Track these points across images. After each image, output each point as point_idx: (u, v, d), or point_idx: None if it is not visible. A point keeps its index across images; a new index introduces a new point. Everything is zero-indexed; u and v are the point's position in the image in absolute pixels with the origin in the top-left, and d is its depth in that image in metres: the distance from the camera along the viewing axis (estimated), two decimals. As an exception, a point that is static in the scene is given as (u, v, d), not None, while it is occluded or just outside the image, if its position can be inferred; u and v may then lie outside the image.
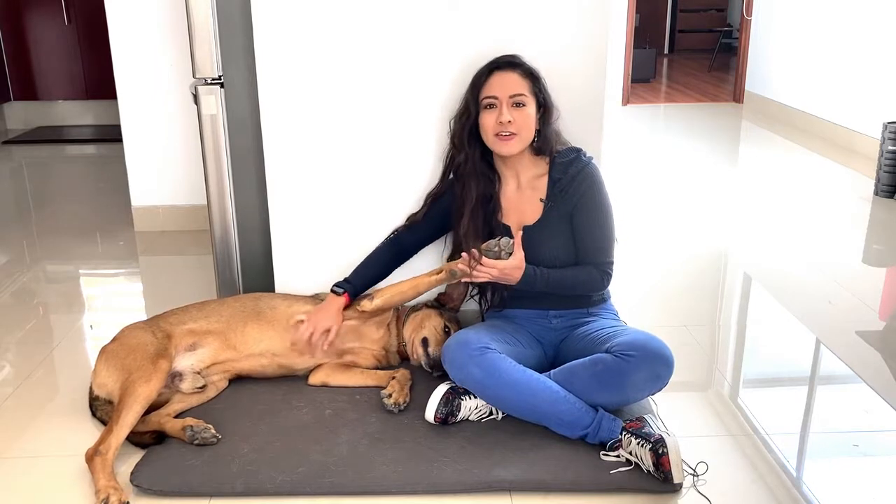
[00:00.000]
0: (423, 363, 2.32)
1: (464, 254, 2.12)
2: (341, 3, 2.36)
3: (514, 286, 2.15)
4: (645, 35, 9.81)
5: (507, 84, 2.17)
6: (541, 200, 2.23)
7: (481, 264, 2.08)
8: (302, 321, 2.28)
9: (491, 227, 2.26)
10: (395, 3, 2.35)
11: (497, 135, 2.17)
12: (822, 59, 5.85)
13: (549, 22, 2.38)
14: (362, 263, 2.40)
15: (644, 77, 8.46)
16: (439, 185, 2.39)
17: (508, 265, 2.09)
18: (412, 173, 2.47)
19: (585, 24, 2.38)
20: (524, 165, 2.26)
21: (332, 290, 2.34)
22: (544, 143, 2.23)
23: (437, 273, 2.25)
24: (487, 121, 2.18)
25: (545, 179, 2.24)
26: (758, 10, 7.00)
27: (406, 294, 2.32)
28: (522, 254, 2.11)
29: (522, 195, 2.26)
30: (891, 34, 4.97)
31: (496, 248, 2.11)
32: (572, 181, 2.20)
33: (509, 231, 2.24)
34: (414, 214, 2.42)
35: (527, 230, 2.22)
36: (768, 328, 2.88)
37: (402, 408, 2.16)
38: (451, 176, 2.34)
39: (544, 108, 2.22)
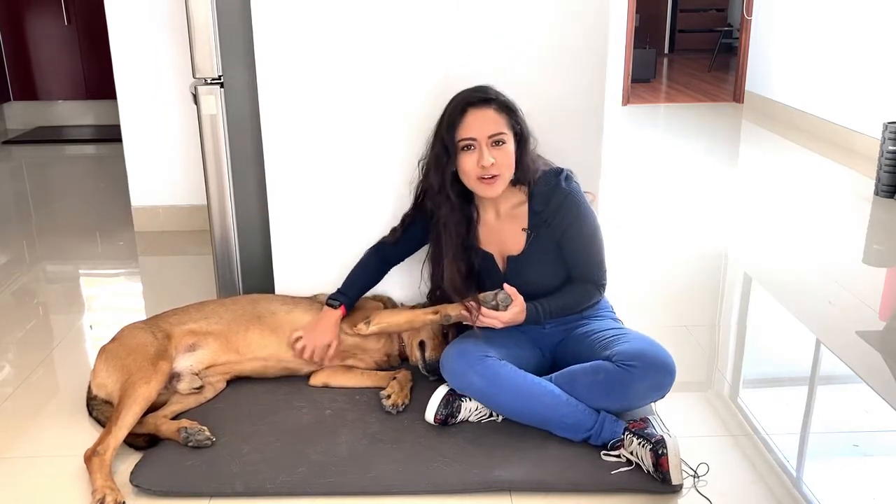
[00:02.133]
0: (419, 367, 2.32)
1: (464, 303, 2.13)
2: (341, 3, 2.36)
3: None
4: (645, 35, 9.80)
5: (484, 123, 2.05)
6: (523, 230, 2.18)
7: (482, 315, 2.09)
8: (300, 338, 2.28)
9: (471, 260, 2.21)
10: (396, 3, 2.35)
11: (479, 178, 2.08)
12: (822, 59, 5.85)
13: (549, 22, 2.38)
14: (352, 274, 2.37)
15: (644, 77, 8.46)
16: (412, 210, 2.31)
17: (510, 316, 2.10)
18: (413, 173, 2.46)
19: (585, 24, 2.38)
20: (503, 196, 2.17)
21: (328, 304, 2.32)
22: (522, 173, 2.13)
23: (434, 313, 2.23)
24: (467, 164, 2.07)
25: (525, 208, 2.17)
26: (758, 10, 7.00)
27: (401, 326, 2.32)
28: (521, 297, 2.10)
29: (503, 224, 2.21)
30: (891, 34, 4.97)
31: (493, 303, 2.11)
32: (555, 214, 2.13)
33: (492, 260, 2.22)
34: (394, 230, 2.37)
35: (512, 260, 2.20)
36: (768, 328, 2.88)
37: (400, 409, 2.16)
38: (428, 208, 2.23)
39: (521, 137, 2.12)
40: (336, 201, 2.51)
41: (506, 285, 2.11)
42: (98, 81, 6.08)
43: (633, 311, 2.63)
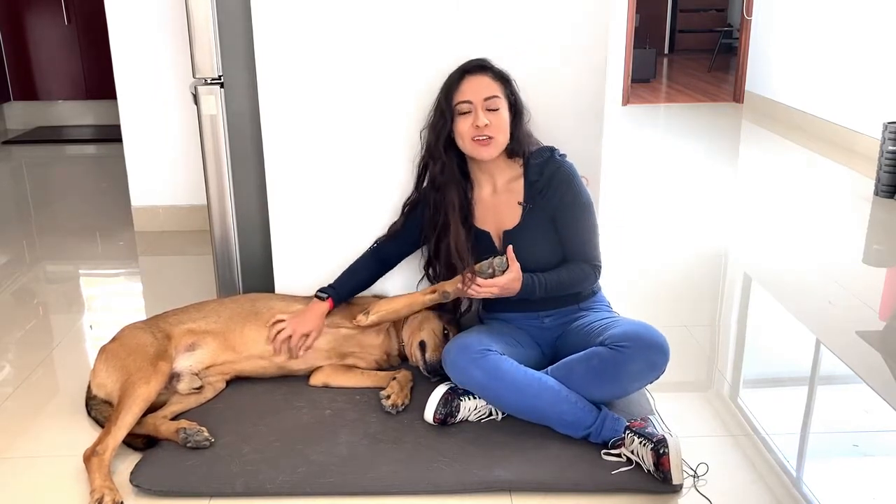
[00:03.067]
0: (420, 367, 2.32)
1: (460, 276, 2.13)
2: (342, 4, 2.36)
3: (513, 297, 2.15)
4: (645, 35, 9.81)
5: (480, 87, 2.16)
6: (519, 203, 2.21)
7: (478, 285, 2.09)
8: (281, 320, 2.28)
9: (470, 230, 2.24)
10: (396, 2, 2.35)
11: (474, 139, 2.15)
12: (822, 59, 5.85)
13: (549, 22, 2.38)
14: (347, 272, 2.39)
15: (644, 77, 8.46)
16: (414, 193, 2.37)
17: (506, 280, 2.10)
18: (412, 173, 2.47)
19: (585, 24, 2.38)
20: (499, 169, 2.24)
21: (317, 296, 2.33)
22: (517, 145, 2.21)
23: (431, 293, 2.25)
24: (463, 126, 2.16)
25: (521, 182, 2.23)
26: (758, 10, 7.00)
27: (400, 312, 2.32)
28: (517, 265, 2.10)
29: (499, 199, 2.25)
30: (891, 34, 4.97)
31: (490, 270, 2.11)
32: (549, 183, 2.18)
33: (489, 237, 2.24)
34: (394, 224, 2.41)
35: (507, 234, 2.22)
36: (768, 328, 2.88)
37: (400, 409, 2.16)
38: (426, 185, 2.32)
39: (515, 109, 2.21)
40: (336, 201, 2.51)
41: (509, 251, 2.11)
42: (98, 81, 6.08)
43: (633, 310, 2.62)
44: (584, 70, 2.42)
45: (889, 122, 4.18)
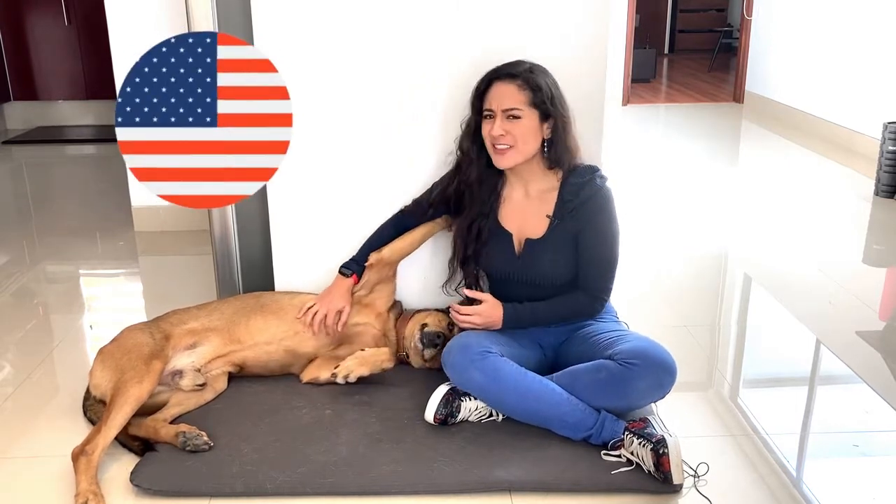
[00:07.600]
0: (416, 341, 2.33)
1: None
2: (341, 5, 2.36)
3: (502, 327, 2.18)
4: (645, 35, 9.80)
5: (502, 96, 2.13)
6: (547, 217, 2.20)
7: (459, 314, 2.18)
8: (312, 307, 2.30)
9: (483, 231, 2.26)
10: (396, 3, 2.35)
11: (493, 146, 2.16)
12: (822, 59, 5.85)
13: (549, 22, 2.38)
14: (365, 245, 2.41)
15: (644, 77, 8.46)
16: (449, 176, 2.36)
17: (484, 310, 2.16)
18: (412, 173, 2.47)
19: (586, 24, 2.38)
20: (534, 175, 2.22)
21: (341, 272, 2.35)
22: (557, 155, 2.17)
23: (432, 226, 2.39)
24: (485, 131, 2.17)
25: (555, 195, 2.20)
26: (758, 10, 7.00)
27: (415, 240, 2.39)
28: (489, 295, 2.19)
29: (529, 205, 2.24)
30: (891, 34, 4.97)
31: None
32: (583, 205, 2.15)
33: (510, 239, 2.23)
34: (421, 196, 2.41)
35: (529, 243, 2.21)
36: (768, 328, 2.88)
37: (349, 381, 2.19)
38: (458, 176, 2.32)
39: (555, 119, 2.15)
40: (336, 200, 2.51)
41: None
42: (98, 81, 6.08)
43: (634, 310, 2.63)
44: (584, 70, 2.42)
45: (889, 122, 4.18)
